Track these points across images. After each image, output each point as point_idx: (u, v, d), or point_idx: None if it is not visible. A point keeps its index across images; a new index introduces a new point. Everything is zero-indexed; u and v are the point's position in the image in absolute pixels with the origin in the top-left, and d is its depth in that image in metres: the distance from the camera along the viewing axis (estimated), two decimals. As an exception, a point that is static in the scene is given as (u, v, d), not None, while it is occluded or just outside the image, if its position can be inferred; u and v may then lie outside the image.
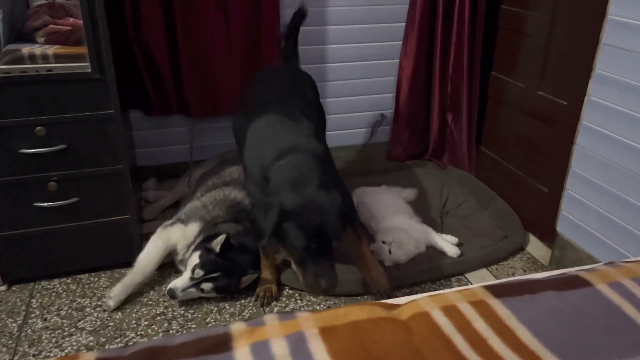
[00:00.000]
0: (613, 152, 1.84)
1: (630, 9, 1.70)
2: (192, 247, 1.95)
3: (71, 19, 1.92)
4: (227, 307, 1.92)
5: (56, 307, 1.89)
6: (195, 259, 1.88)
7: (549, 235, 2.23)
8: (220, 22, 2.30)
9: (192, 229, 1.99)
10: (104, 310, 1.87)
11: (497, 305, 1.00)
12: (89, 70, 1.77)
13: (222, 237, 1.88)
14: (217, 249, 1.88)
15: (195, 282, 1.86)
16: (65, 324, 1.81)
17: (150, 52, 2.28)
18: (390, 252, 2.07)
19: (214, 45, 2.34)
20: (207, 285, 1.88)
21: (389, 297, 1.44)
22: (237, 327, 0.94)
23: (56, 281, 2.02)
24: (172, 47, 2.30)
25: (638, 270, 1.12)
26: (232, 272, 1.91)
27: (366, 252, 1.87)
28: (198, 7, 2.25)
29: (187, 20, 2.26)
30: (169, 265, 2.09)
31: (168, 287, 1.87)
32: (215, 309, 1.91)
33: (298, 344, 0.88)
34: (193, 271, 1.86)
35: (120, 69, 1.95)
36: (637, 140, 1.74)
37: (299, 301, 1.95)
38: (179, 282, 1.87)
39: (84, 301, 1.92)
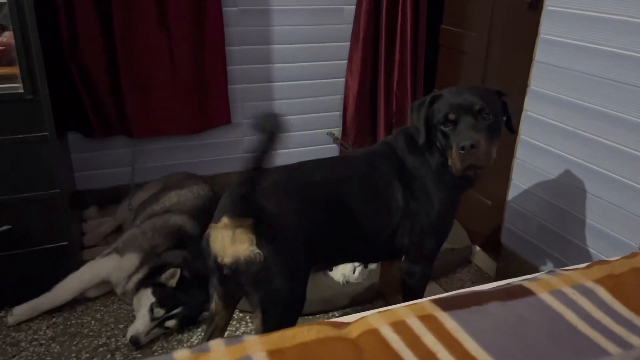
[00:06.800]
0: (550, 164, 1.91)
1: (560, 27, 1.79)
2: (136, 280, 1.87)
3: (5, 39, 1.83)
4: (175, 334, 1.85)
5: (-13, 343, 1.77)
6: (148, 296, 1.80)
7: (494, 247, 2.28)
8: (163, 41, 2.26)
9: (130, 260, 1.91)
10: (41, 344, 1.76)
11: (445, 319, 1.01)
12: (22, 91, 1.69)
13: (174, 271, 1.82)
14: (173, 284, 1.81)
15: (158, 322, 1.78)
16: (-3, 361, 1.70)
17: (88, 72, 2.20)
18: (354, 271, 2.05)
19: (156, 65, 2.29)
20: (171, 323, 1.80)
21: None
22: (180, 355, 0.89)
23: (-13, 315, 1.89)
24: (112, 66, 2.23)
25: (577, 278, 1.15)
26: (194, 303, 1.84)
27: None
28: (139, 26, 2.20)
29: (128, 39, 2.20)
30: (110, 294, 2.01)
31: (129, 336, 1.75)
32: (162, 335, 1.84)
33: (245, 369, 0.85)
34: (152, 311, 1.77)
35: (57, 90, 1.88)
36: (571, 152, 1.82)
37: (249, 324, 1.90)
38: (141, 327, 1.75)
39: (19, 335, 1.80)
